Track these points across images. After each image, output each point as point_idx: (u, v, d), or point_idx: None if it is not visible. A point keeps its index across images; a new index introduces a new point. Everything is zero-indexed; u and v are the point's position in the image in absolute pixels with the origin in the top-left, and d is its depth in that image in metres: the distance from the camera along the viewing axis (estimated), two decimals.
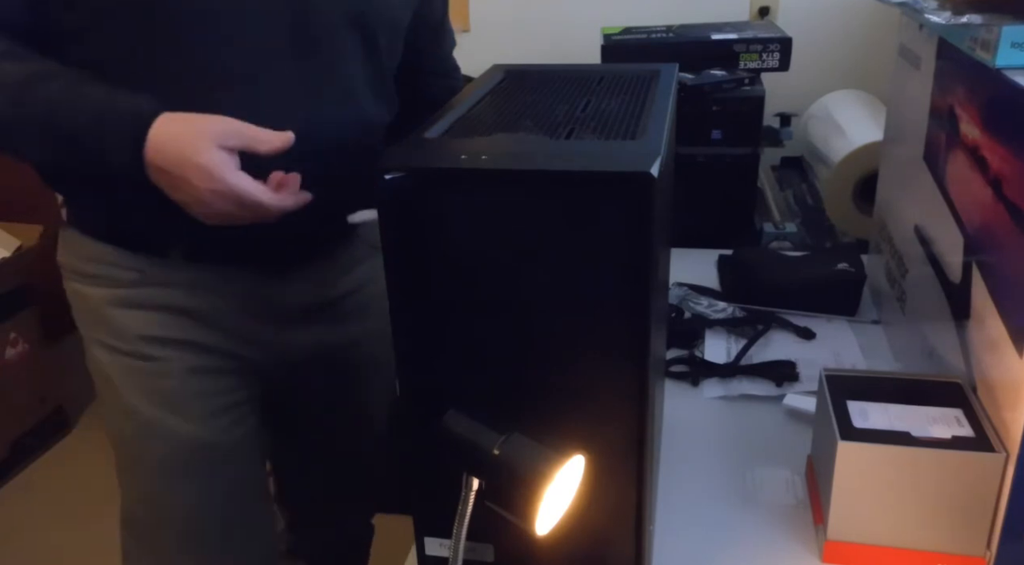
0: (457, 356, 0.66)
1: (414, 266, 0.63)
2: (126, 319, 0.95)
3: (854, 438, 0.77)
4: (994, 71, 0.75)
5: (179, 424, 0.97)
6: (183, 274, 0.94)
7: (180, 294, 0.94)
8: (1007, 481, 0.73)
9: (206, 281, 0.94)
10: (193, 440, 0.98)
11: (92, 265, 0.95)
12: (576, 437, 0.63)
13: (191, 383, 0.97)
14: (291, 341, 1.02)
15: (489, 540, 0.71)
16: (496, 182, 0.60)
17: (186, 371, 0.96)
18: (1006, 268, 0.76)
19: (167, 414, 0.96)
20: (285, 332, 1.01)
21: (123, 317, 0.95)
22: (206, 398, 0.98)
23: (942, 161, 0.95)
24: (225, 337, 0.97)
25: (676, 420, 1.01)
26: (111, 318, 0.95)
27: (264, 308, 0.98)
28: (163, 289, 0.94)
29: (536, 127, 0.72)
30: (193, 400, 0.97)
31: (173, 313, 0.95)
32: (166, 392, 0.96)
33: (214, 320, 0.96)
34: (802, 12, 1.82)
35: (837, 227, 1.54)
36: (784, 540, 0.84)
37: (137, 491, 1.02)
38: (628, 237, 0.58)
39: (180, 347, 0.96)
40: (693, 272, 1.36)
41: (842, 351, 1.16)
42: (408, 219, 0.62)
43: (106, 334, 0.96)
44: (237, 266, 0.95)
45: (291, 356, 1.03)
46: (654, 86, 0.84)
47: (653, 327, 0.62)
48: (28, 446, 2.26)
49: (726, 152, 1.48)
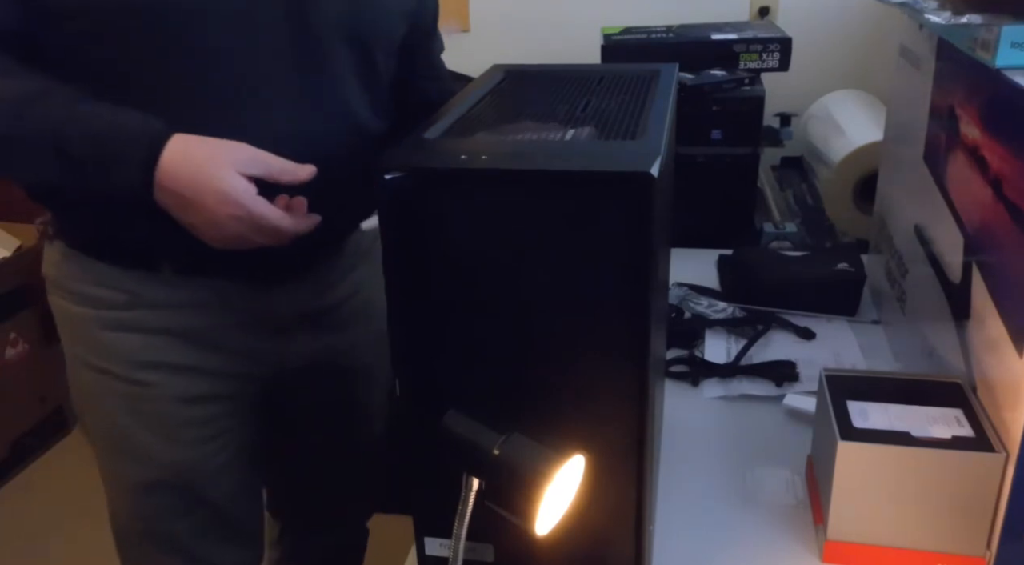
0: (457, 356, 0.66)
1: (414, 266, 0.63)
2: (117, 342, 0.93)
3: (854, 438, 0.77)
4: (994, 71, 0.75)
5: (167, 449, 0.96)
6: (176, 292, 0.92)
7: (174, 315, 0.92)
8: (1007, 481, 0.73)
9: (199, 299, 0.93)
10: (181, 463, 0.97)
11: (80, 284, 0.93)
12: (576, 437, 0.63)
13: (182, 410, 0.95)
14: (287, 352, 1.01)
15: (489, 540, 0.71)
16: (496, 182, 0.60)
17: (177, 399, 0.95)
18: (1006, 268, 0.75)
19: (156, 438, 0.95)
20: (281, 344, 1.00)
21: (114, 340, 0.93)
22: (197, 425, 0.97)
23: (942, 161, 0.95)
24: (221, 356, 0.96)
25: (676, 420, 1.01)
26: (101, 340, 0.93)
27: (259, 321, 0.97)
28: (156, 310, 0.92)
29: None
30: (184, 427, 0.96)
31: (167, 335, 0.93)
32: (156, 417, 0.95)
33: (210, 339, 0.94)
34: (802, 12, 1.81)
35: (837, 227, 1.54)
36: (784, 540, 0.84)
37: (122, 503, 1.02)
38: (628, 237, 0.58)
39: (173, 372, 0.94)
40: (693, 272, 1.36)
41: (842, 351, 1.16)
42: (408, 219, 0.62)
43: (95, 356, 0.94)
44: (230, 279, 0.93)
45: (287, 367, 1.02)
46: (654, 86, 0.84)
47: (653, 327, 0.62)
48: (28, 446, 2.26)
49: (726, 152, 1.48)
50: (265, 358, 0.99)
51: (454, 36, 1.90)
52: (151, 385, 0.94)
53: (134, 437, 0.95)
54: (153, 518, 1.00)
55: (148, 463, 0.97)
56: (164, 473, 0.97)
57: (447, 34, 1.11)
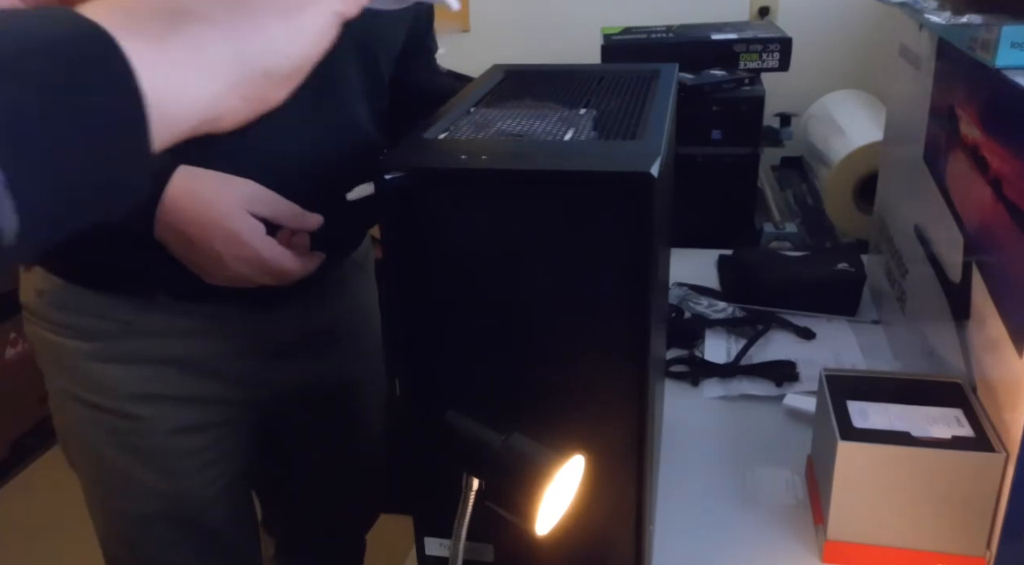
0: (457, 356, 0.66)
1: (414, 266, 0.63)
2: (110, 375, 0.89)
3: (854, 438, 0.77)
4: (994, 71, 0.75)
5: (163, 482, 0.93)
6: (171, 320, 0.88)
7: (169, 343, 0.89)
8: (1007, 481, 0.73)
9: (196, 325, 0.89)
10: (177, 495, 0.94)
11: (65, 313, 0.87)
12: (576, 437, 0.63)
13: (178, 441, 0.92)
14: (285, 375, 0.99)
15: (489, 540, 0.71)
16: (496, 182, 0.60)
17: (172, 430, 0.92)
18: (1006, 268, 0.75)
19: (150, 472, 0.92)
20: (280, 366, 0.98)
21: (107, 373, 0.89)
22: (193, 455, 0.94)
23: (942, 161, 0.95)
24: (218, 384, 0.93)
25: (676, 420, 1.01)
26: (91, 373, 0.89)
27: (258, 345, 0.94)
28: (150, 339, 0.88)
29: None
30: (179, 458, 0.93)
31: (164, 365, 0.89)
32: (150, 451, 0.92)
33: (207, 367, 0.92)
34: (802, 12, 1.81)
35: (837, 227, 1.54)
36: (784, 540, 0.84)
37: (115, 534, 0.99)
38: (628, 237, 0.58)
39: (168, 403, 0.91)
40: (693, 272, 1.36)
41: (842, 351, 1.15)
42: (408, 219, 0.62)
43: (84, 389, 0.90)
44: (228, 304, 0.89)
45: (286, 388, 1.00)
46: (654, 86, 0.84)
47: (653, 327, 0.62)
48: (28, 446, 2.26)
49: (726, 152, 1.48)
50: (263, 383, 0.97)
51: (454, 36, 1.90)
52: (144, 419, 0.90)
53: (127, 471, 0.92)
54: (150, 548, 0.97)
55: (143, 497, 0.94)
56: (160, 506, 0.95)
57: (447, 34, 1.11)
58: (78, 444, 0.95)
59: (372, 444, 1.17)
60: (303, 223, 0.80)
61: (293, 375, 1.00)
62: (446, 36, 1.10)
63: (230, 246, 0.75)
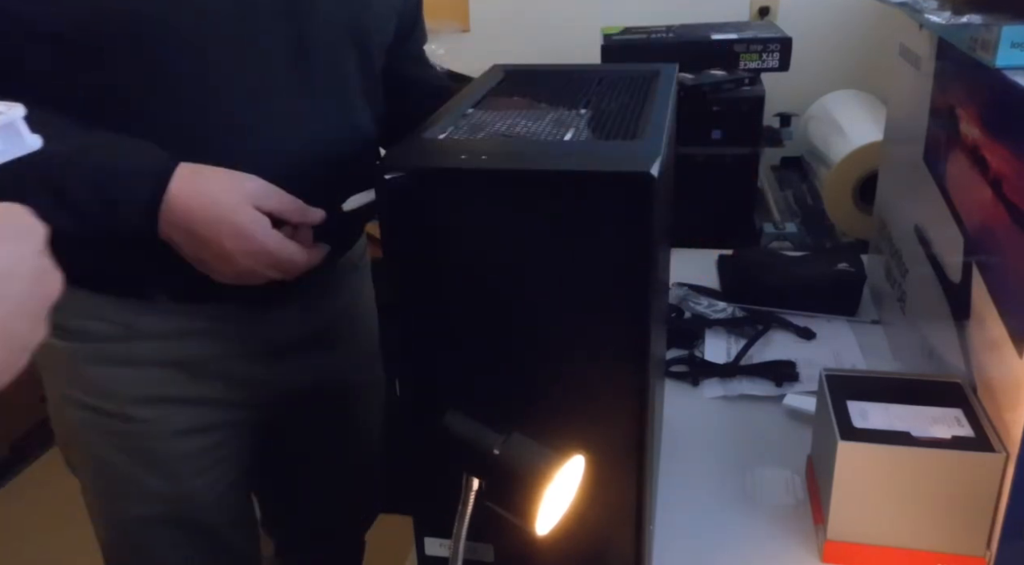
0: (457, 356, 0.66)
1: (414, 266, 0.63)
2: (111, 378, 0.88)
3: (854, 438, 0.77)
4: (994, 71, 0.75)
5: (166, 485, 0.93)
6: (173, 321, 0.87)
7: (171, 345, 0.88)
8: (1007, 481, 0.73)
9: (198, 326, 0.89)
10: (180, 497, 0.94)
11: (63, 316, 0.83)
12: (576, 437, 0.63)
13: (180, 444, 0.92)
14: (285, 374, 0.98)
15: (489, 540, 0.71)
16: (496, 182, 0.60)
17: (174, 433, 0.91)
18: (1006, 268, 0.75)
19: (153, 476, 0.92)
20: (281, 366, 0.97)
21: (107, 376, 0.88)
22: (192, 458, 0.94)
23: (942, 161, 0.95)
24: (220, 385, 0.93)
25: (676, 420, 1.01)
26: (91, 376, 0.88)
27: (258, 346, 0.94)
28: (152, 341, 0.88)
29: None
30: (182, 460, 0.93)
31: (166, 367, 0.89)
32: (153, 454, 0.91)
33: (209, 369, 0.91)
34: (802, 12, 1.81)
35: (837, 227, 1.54)
36: (784, 540, 0.84)
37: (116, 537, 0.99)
38: (628, 237, 0.58)
39: (171, 405, 0.90)
40: (693, 272, 1.36)
41: (842, 351, 1.15)
42: (408, 219, 0.62)
43: (84, 393, 0.89)
44: (229, 304, 0.88)
45: (285, 389, 0.99)
46: (654, 86, 0.84)
47: (653, 327, 0.62)
48: (28, 446, 2.26)
49: (726, 152, 1.48)
50: (264, 384, 0.97)
51: (454, 36, 1.90)
52: (147, 421, 0.90)
53: (129, 475, 0.92)
54: (152, 551, 0.97)
55: (145, 501, 0.94)
56: (163, 509, 0.94)
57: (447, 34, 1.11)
58: (79, 448, 0.95)
59: (371, 444, 1.17)
60: (307, 217, 0.80)
61: (293, 376, 1.00)
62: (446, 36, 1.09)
63: (238, 241, 0.75)
